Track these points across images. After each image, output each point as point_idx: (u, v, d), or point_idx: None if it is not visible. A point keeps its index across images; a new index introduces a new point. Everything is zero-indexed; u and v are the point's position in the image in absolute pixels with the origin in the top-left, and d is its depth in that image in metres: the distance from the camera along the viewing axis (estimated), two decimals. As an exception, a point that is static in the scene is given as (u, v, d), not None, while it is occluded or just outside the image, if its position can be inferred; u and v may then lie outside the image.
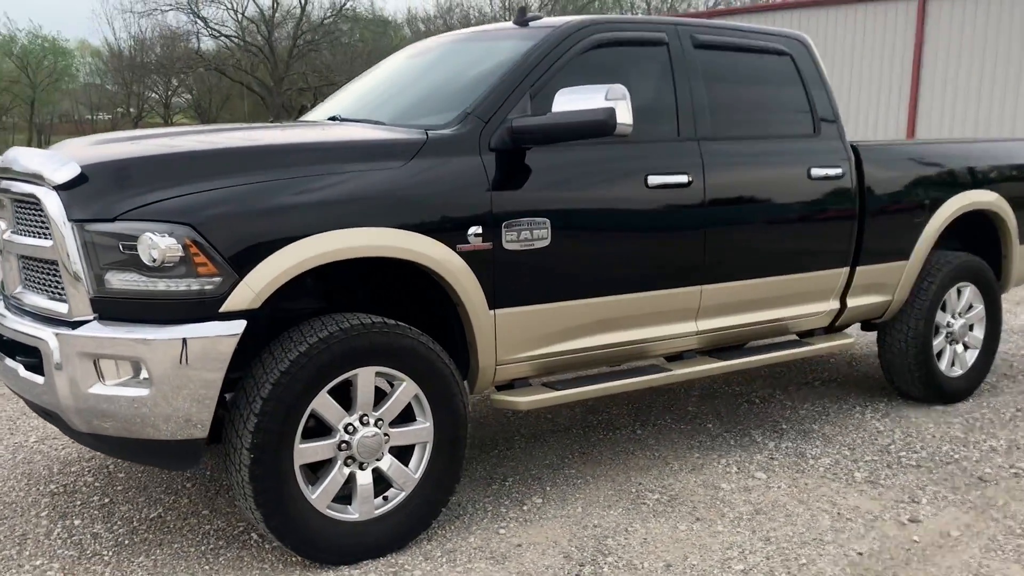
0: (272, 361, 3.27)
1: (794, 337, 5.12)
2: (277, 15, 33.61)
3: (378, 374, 3.45)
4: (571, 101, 3.67)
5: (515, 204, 3.71)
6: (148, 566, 3.46)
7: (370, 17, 34.50)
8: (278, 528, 3.30)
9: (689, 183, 4.21)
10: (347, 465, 3.44)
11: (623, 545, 3.64)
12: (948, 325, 5.53)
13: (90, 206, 3.14)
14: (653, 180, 4.10)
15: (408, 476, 3.57)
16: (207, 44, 37.01)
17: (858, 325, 5.55)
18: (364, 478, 3.48)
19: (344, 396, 3.43)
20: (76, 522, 3.84)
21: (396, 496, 3.56)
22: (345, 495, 3.48)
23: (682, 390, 5.86)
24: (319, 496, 3.38)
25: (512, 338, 3.81)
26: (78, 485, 4.23)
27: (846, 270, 4.92)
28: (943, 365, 5.52)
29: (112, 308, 3.13)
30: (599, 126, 3.59)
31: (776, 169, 4.62)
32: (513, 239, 3.69)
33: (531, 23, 4.34)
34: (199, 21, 34.30)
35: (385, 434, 3.49)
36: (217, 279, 3.10)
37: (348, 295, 3.86)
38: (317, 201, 3.30)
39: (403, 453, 3.60)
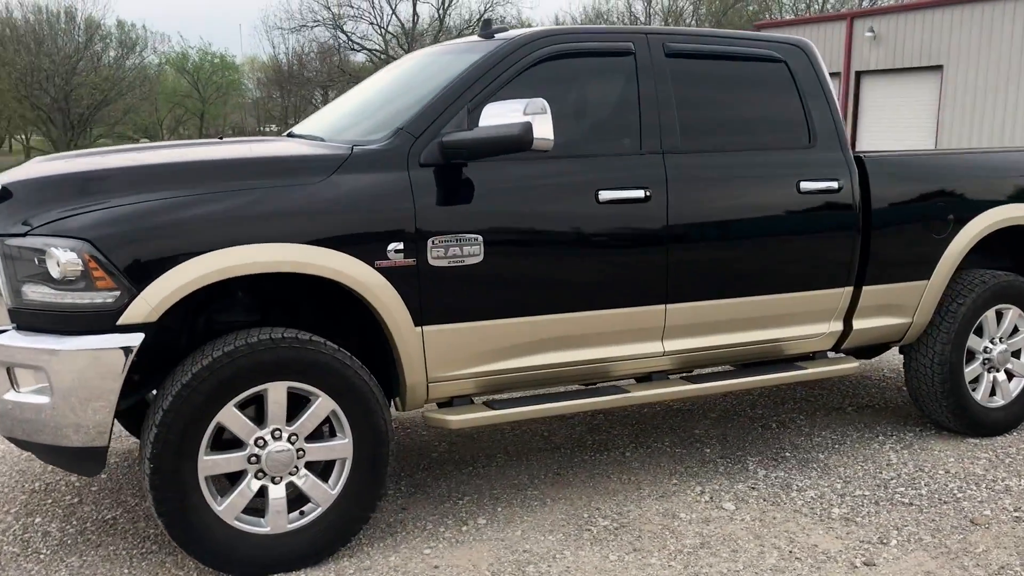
0: (179, 374, 3.35)
1: (794, 360, 4.81)
2: (418, 27, 34.46)
3: (292, 389, 3.46)
4: (496, 116, 3.59)
5: (443, 220, 3.65)
6: (75, 566, 3.60)
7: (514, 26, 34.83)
8: (180, 536, 3.37)
9: (647, 198, 4.03)
10: (258, 478, 3.47)
11: (542, 572, 3.52)
12: (986, 351, 5.08)
13: (10, 220, 3.30)
14: (604, 195, 3.96)
15: (325, 492, 3.57)
16: (357, 57, 38.37)
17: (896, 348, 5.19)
18: (277, 492, 3.50)
19: (261, 410, 3.47)
20: (36, 520, 4.04)
21: (313, 511, 3.57)
22: (260, 508, 3.52)
23: (700, 411, 5.62)
24: (226, 508, 3.42)
25: (444, 356, 3.76)
26: (59, 484, 4.45)
27: (848, 290, 4.60)
28: (979, 394, 5.08)
29: (28, 319, 3.28)
30: (515, 141, 3.50)
31: (756, 183, 4.36)
32: (440, 256, 3.64)
33: (496, 35, 4.26)
34: (342, 35, 35.56)
35: (300, 449, 3.51)
36: (115, 292, 3.19)
37: (291, 311, 3.90)
38: (221, 217, 3.35)
39: (326, 468, 3.61)
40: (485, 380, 3.91)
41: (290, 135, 4.69)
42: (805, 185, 4.41)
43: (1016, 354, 5.23)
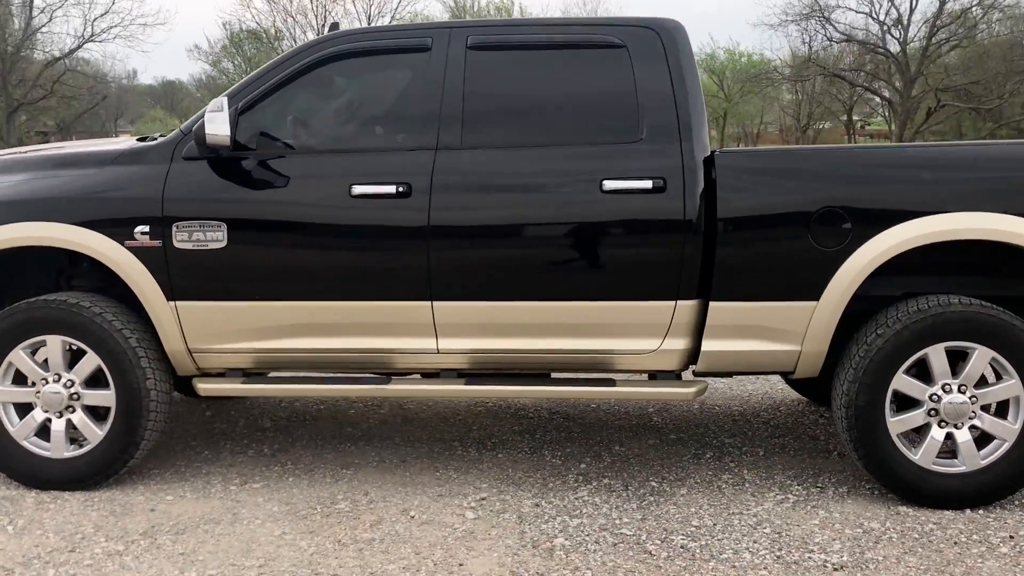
0: None
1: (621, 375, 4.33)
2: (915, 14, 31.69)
3: (69, 344, 4.23)
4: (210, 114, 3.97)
5: (187, 207, 4.13)
6: None
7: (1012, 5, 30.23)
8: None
9: (405, 193, 4.04)
10: (45, 411, 4.29)
11: (224, 534, 3.85)
12: (933, 399, 4.02)
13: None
14: (357, 189, 4.07)
15: (93, 432, 4.26)
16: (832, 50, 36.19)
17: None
18: (58, 425, 4.29)
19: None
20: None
21: (88, 445, 4.28)
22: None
23: (672, 428, 5.18)
24: (17, 430, 4.30)
25: (200, 330, 4.22)
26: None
27: (680, 304, 4.02)
28: (917, 452, 4.04)
29: None
30: (199, 137, 3.86)
31: (545, 181, 4.06)
32: (184, 239, 4.12)
33: (337, 37, 4.54)
34: (829, 26, 34.02)
35: (75, 393, 4.26)
36: None
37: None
38: (13, 199, 4.22)
39: (106, 413, 4.28)
40: (257, 357, 4.28)
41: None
42: (610, 184, 3.99)
43: (991, 409, 4.04)
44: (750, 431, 5.18)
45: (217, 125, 3.87)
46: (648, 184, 3.96)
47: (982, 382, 4.01)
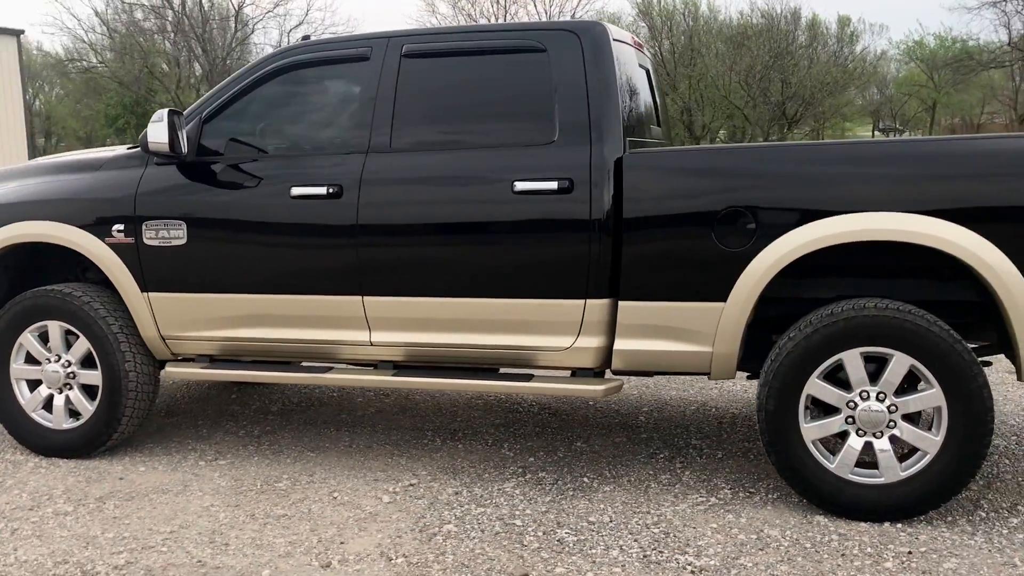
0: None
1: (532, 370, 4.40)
2: None
3: (63, 328, 4.80)
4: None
5: (154, 208, 4.58)
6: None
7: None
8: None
9: (336, 194, 4.32)
10: (45, 389, 4.88)
11: (163, 502, 4.29)
12: (851, 406, 3.88)
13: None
14: (296, 191, 4.38)
15: (85, 407, 4.80)
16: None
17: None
18: (58, 400, 4.87)
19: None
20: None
21: (81, 419, 4.83)
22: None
23: (650, 427, 5.20)
24: (27, 403, 4.91)
25: (170, 319, 4.67)
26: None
27: (590, 303, 4.08)
28: (835, 462, 3.91)
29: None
30: (141, 144, 4.30)
31: (463, 183, 4.22)
32: (152, 236, 4.59)
33: (306, 49, 4.88)
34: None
35: (71, 372, 4.83)
36: None
37: None
38: (16, 200, 4.83)
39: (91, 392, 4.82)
40: (220, 345, 4.69)
41: None
42: (520, 185, 4.10)
43: (914, 419, 3.85)
44: (725, 434, 5.10)
45: (157, 133, 4.30)
46: (554, 185, 4.04)
47: (912, 390, 3.83)
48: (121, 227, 4.63)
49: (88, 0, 50.98)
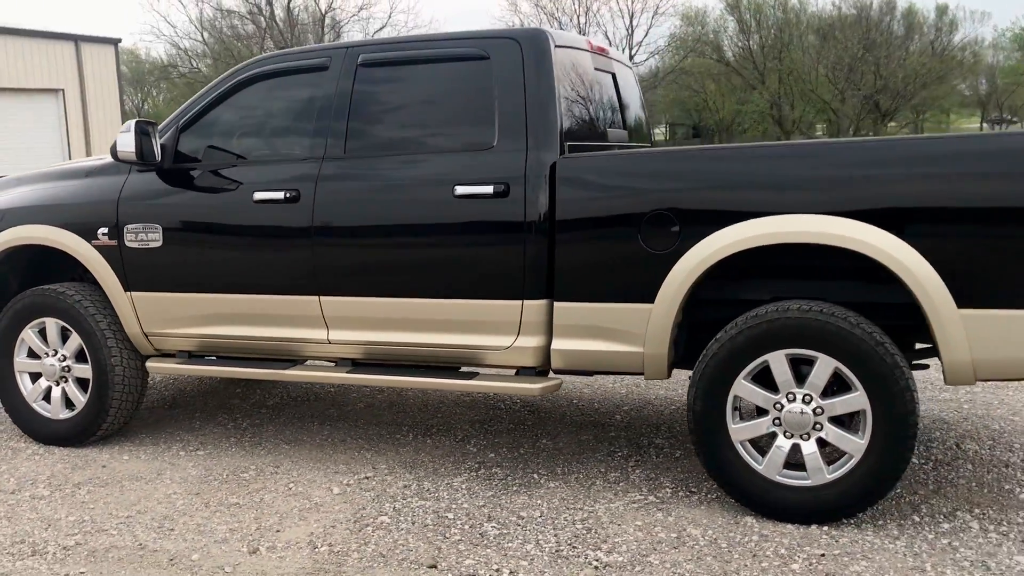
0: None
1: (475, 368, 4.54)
2: None
3: (59, 324, 5.14)
4: (126, 132, 4.69)
5: (133, 213, 4.87)
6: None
7: None
8: None
9: (292, 199, 4.52)
10: (45, 381, 5.23)
11: (133, 489, 4.57)
12: (778, 408, 3.89)
13: None
14: (258, 196, 4.61)
15: (79, 399, 5.13)
16: None
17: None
18: (56, 392, 5.21)
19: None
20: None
21: (75, 410, 5.16)
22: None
23: (621, 426, 5.27)
24: (29, 394, 5.27)
25: (151, 316, 4.95)
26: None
27: (527, 303, 4.18)
28: (763, 463, 3.91)
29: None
30: (111, 152, 4.59)
31: (409, 187, 4.36)
32: (133, 239, 4.88)
33: (285, 59, 5.10)
34: None
35: (67, 366, 5.16)
36: None
37: None
38: (20, 204, 5.19)
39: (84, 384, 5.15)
40: (197, 341, 4.95)
41: None
42: (460, 189, 4.23)
43: (841, 421, 3.84)
44: (693, 434, 5.12)
45: (124, 143, 4.57)
46: (490, 189, 4.16)
47: (842, 392, 3.81)
48: (106, 230, 4.93)
49: (184, 8, 52.81)
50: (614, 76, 5.07)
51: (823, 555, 3.59)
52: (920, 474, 4.41)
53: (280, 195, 4.54)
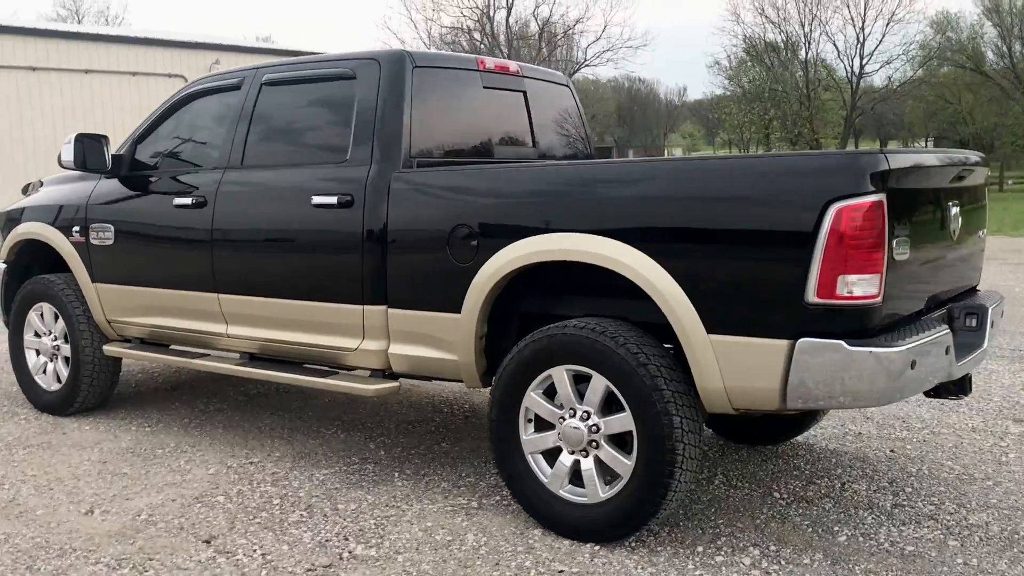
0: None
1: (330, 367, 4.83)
2: None
3: (52, 309, 5.95)
4: (79, 143, 5.39)
5: (95, 213, 5.58)
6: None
7: None
8: None
9: (200, 204, 5.03)
10: (43, 357, 6.07)
11: (89, 459, 5.25)
12: (561, 422, 3.92)
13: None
14: (176, 201, 5.17)
15: (63, 375, 5.92)
16: None
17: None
18: (51, 367, 6.03)
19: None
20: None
21: (58, 387, 5.96)
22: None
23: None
24: (32, 366, 6.13)
25: (111, 305, 5.64)
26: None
27: (367, 308, 4.43)
28: (548, 476, 3.96)
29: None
30: (58, 160, 5.29)
31: (280, 197, 4.74)
32: (95, 237, 5.59)
33: (237, 77, 5.64)
34: None
35: (56, 346, 5.96)
36: None
37: None
38: (30, 206, 6.05)
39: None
40: (144, 329, 5.58)
41: None
42: (316, 199, 4.56)
43: (621, 441, 3.81)
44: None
45: (66, 153, 5.27)
46: (335, 200, 4.46)
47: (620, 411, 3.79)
48: (78, 228, 5.67)
49: (414, 26, 55.80)
50: (525, 94, 5.20)
51: (562, 571, 3.60)
52: (739, 505, 4.25)
53: (191, 200, 5.07)
